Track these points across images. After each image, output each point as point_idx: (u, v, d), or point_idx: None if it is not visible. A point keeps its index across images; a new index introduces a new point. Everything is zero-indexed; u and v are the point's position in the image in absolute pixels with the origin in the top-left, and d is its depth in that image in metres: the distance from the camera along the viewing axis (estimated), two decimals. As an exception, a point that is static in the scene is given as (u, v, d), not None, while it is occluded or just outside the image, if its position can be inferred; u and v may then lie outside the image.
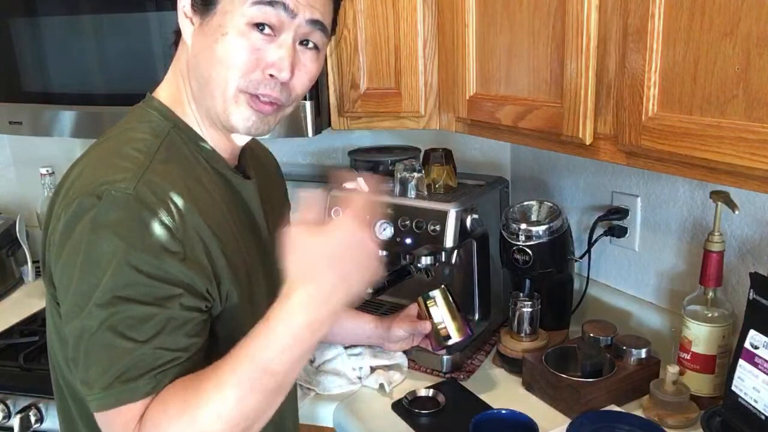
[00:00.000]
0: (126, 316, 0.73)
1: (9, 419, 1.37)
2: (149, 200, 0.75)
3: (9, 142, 2.10)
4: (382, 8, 1.28)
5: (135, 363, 0.73)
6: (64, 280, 0.76)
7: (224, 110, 0.82)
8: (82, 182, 0.77)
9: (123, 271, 0.73)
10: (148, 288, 0.74)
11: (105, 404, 0.74)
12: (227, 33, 0.79)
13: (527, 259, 1.30)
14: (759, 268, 1.14)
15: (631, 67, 0.88)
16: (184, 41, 0.85)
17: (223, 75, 0.80)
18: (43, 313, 1.67)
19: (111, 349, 0.73)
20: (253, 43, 0.79)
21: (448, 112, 1.30)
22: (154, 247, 0.74)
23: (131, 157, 0.79)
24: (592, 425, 1.06)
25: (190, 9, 0.83)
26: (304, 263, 0.74)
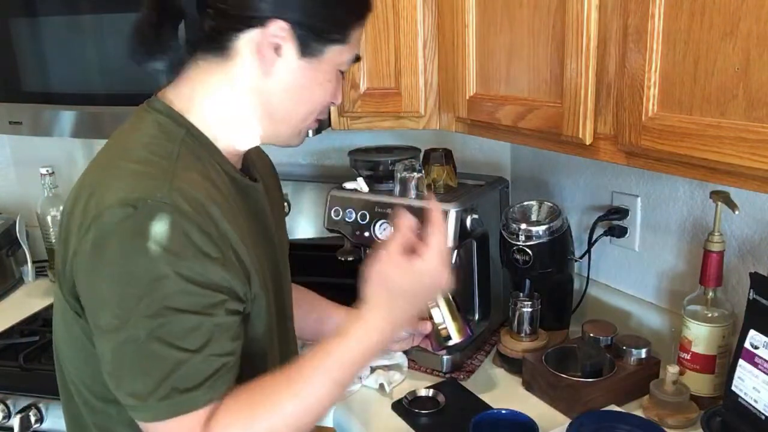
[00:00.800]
0: (175, 326, 0.74)
1: (9, 419, 1.37)
2: (185, 208, 0.75)
3: (9, 142, 2.09)
4: (382, 8, 1.28)
5: (190, 372, 0.75)
6: (101, 293, 0.75)
7: (289, 136, 0.91)
8: (108, 192, 0.75)
9: (168, 280, 0.73)
10: (194, 296, 0.75)
11: (162, 415, 0.75)
12: (330, 81, 0.87)
13: (527, 259, 1.30)
14: (759, 268, 1.14)
15: (631, 67, 0.88)
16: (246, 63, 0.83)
17: (309, 110, 0.89)
18: (43, 313, 1.68)
19: (162, 359, 0.74)
20: (338, 86, 0.91)
21: (448, 112, 1.30)
22: (197, 254, 0.75)
23: (155, 163, 0.79)
24: (592, 425, 1.06)
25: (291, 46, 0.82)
26: (387, 293, 0.84)
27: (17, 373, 1.40)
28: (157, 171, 0.78)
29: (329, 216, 1.40)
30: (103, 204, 0.74)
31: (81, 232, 0.76)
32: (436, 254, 0.85)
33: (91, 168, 0.84)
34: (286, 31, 0.81)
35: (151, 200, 0.74)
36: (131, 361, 0.75)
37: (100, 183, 0.78)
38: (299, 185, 1.75)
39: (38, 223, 1.87)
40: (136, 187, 0.75)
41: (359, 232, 1.36)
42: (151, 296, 0.73)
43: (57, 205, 1.86)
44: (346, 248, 1.50)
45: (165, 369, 0.74)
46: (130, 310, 0.73)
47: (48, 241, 1.87)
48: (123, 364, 0.75)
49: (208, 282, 0.76)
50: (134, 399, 0.75)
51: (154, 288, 0.73)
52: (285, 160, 1.86)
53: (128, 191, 0.74)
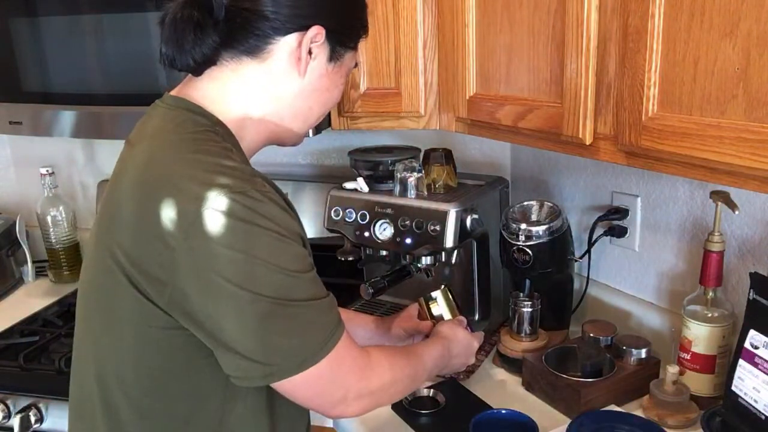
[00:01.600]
0: (306, 284, 0.82)
1: (9, 419, 1.37)
2: (269, 192, 0.81)
3: (9, 142, 2.09)
4: (382, 8, 1.28)
5: (325, 311, 0.84)
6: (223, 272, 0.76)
7: (301, 133, 0.98)
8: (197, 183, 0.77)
9: (281, 245, 0.79)
10: (303, 257, 0.83)
11: (330, 347, 0.82)
12: (342, 84, 0.96)
13: (527, 259, 1.30)
14: (759, 268, 1.14)
15: (631, 67, 0.88)
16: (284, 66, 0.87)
17: (323, 110, 0.96)
18: (43, 313, 1.68)
19: (307, 313, 0.81)
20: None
21: (448, 112, 1.30)
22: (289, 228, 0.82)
23: (223, 155, 0.81)
24: (592, 425, 1.06)
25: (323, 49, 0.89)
26: (455, 336, 1.16)
27: (17, 373, 1.40)
28: (230, 161, 0.81)
29: (329, 216, 1.40)
30: (207, 195, 0.76)
31: (184, 225, 0.76)
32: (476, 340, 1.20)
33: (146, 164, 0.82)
34: (322, 36, 0.87)
35: (252, 186, 0.79)
36: (279, 329, 0.79)
37: (176, 176, 0.79)
38: (299, 185, 1.75)
39: (38, 223, 1.87)
40: (223, 176, 0.78)
41: (359, 232, 1.36)
42: (276, 267, 0.78)
43: (57, 205, 1.86)
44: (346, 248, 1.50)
45: (313, 320, 0.82)
46: (267, 284, 0.77)
47: (48, 241, 1.88)
48: (266, 331, 0.79)
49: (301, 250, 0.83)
50: (295, 356, 0.80)
51: (272, 256, 0.78)
52: (285, 160, 1.86)
53: (220, 180, 0.77)
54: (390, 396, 0.97)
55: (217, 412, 0.87)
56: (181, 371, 0.85)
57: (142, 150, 0.85)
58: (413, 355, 1.03)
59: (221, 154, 0.81)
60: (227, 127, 0.87)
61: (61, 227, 1.86)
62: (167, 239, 0.76)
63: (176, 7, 0.84)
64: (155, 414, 0.87)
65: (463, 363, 1.18)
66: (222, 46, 0.85)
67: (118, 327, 0.85)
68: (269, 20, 0.84)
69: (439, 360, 1.09)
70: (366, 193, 1.38)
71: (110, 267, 0.82)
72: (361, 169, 1.43)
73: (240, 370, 0.80)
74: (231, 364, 0.80)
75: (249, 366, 0.79)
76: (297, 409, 0.95)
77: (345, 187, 1.41)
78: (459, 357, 1.16)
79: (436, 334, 1.16)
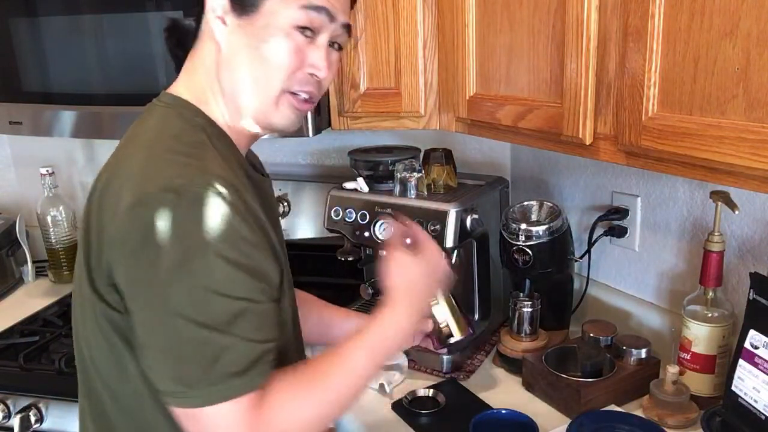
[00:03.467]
0: (220, 311, 0.74)
1: (9, 419, 1.37)
2: (223, 193, 0.75)
3: (9, 142, 2.10)
4: (382, 8, 1.28)
5: (237, 357, 0.75)
6: (145, 280, 0.75)
7: (264, 110, 0.85)
8: (146, 180, 0.75)
9: (214, 264, 0.73)
10: (240, 282, 0.75)
11: (213, 399, 0.75)
12: (274, 35, 0.82)
13: (527, 259, 1.30)
14: (759, 268, 1.14)
15: (631, 67, 0.88)
16: (210, 41, 0.84)
17: (268, 76, 0.83)
18: (43, 313, 1.68)
19: (208, 345, 0.74)
20: (298, 44, 0.83)
21: (448, 112, 1.30)
22: (241, 239, 0.76)
23: (188, 153, 0.79)
24: (592, 425, 1.06)
25: (228, 8, 0.82)
26: (409, 282, 0.93)
27: (17, 373, 1.40)
28: (192, 159, 0.78)
29: (329, 216, 1.40)
30: (144, 191, 0.74)
31: (119, 221, 0.75)
32: (435, 251, 0.97)
33: (117, 161, 0.84)
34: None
35: (194, 186, 0.74)
36: (178, 346, 0.74)
37: (134, 173, 0.78)
38: (299, 185, 1.75)
39: (38, 223, 1.87)
40: (176, 175, 0.75)
41: (359, 232, 1.36)
42: (198, 281, 0.73)
43: (57, 205, 1.86)
44: (346, 248, 1.50)
45: (212, 354, 0.74)
46: (176, 296, 0.73)
47: (48, 241, 1.87)
48: (169, 349, 0.75)
49: (252, 267, 0.77)
50: (182, 385, 0.75)
51: (201, 273, 0.73)
52: (285, 160, 1.86)
53: (169, 178, 0.74)
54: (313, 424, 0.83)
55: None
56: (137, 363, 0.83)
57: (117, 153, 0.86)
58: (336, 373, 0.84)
59: (182, 151, 0.79)
60: (211, 119, 0.86)
61: (61, 227, 1.86)
62: (106, 238, 0.78)
63: None
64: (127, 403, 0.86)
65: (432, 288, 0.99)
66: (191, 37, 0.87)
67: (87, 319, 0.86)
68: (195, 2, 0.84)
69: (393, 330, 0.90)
70: (366, 193, 1.38)
71: (80, 263, 0.84)
72: (361, 169, 1.43)
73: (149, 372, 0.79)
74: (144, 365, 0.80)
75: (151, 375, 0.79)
76: None
77: (345, 187, 1.41)
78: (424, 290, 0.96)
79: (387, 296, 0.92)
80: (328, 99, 1.36)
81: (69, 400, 1.33)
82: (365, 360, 0.86)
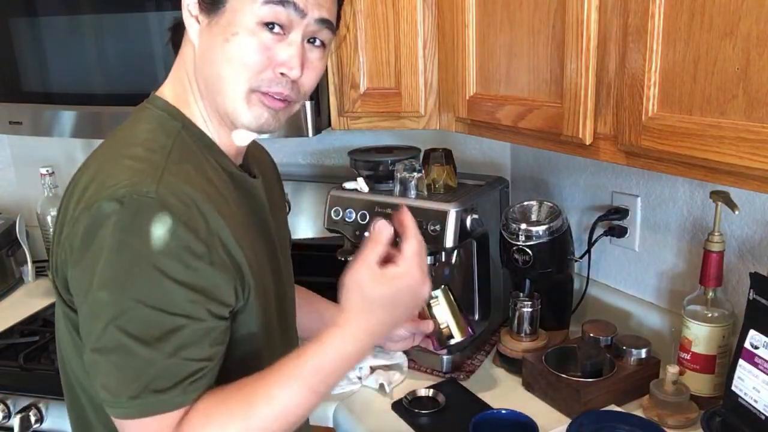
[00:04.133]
0: (152, 325, 0.73)
1: (9, 419, 1.37)
2: (172, 203, 0.73)
3: (9, 142, 2.10)
4: (382, 8, 1.28)
5: (163, 374, 0.73)
6: (84, 285, 0.75)
7: (234, 109, 0.82)
8: (99, 186, 0.75)
9: (150, 277, 0.72)
10: (175, 296, 0.73)
11: (132, 413, 0.74)
12: (237, 33, 0.78)
13: (527, 259, 1.30)
14: (759, 268, 1.14)
15: (631, 67, 0.88)
16: (189, 40, 0.84)
17: (234, 74, 0.80)
18: (43, 313, 1.68)
19: (136, 358, 0.73)
20: (264, 42, 0.79)
21: (448, 112, 1.30)
22: (182, 251, 0.73)
23: (146, 158, 0.78)
24: (592, 425, 1.06)
25: (196, 7, 0.81)
26: (365, 301, 0.80)
27: (17, 373, 1.40)
28: (147, 166, 0.76)
29: (329, 216, 1.40)
30: (93, 198, 0.74)
31: (69, 226, 0.77)
32: (413, 262, 0.81)
33: (87, 164, 0.84)
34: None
35: (138, 195, 0.72)
36: (106, 354, 0.74)
37: (93, 178, 0.78)
38: (299, 185, 1.75)
39: (38, 223, 1.87)
40: (124, 182, 0.74)
41: (359, 232, 1.36)
42: (131, 293, 0.72)
43: (57, 205, 1.85)
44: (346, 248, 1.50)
45: (138, 367, 0.73)
46: (108, 304, 0.72)
47: (48, 241, 1.87)
48: (98, 356, 0.74)
49: (191, 282, 0.74)
50: (107, 393, 0.75)
51: (134, 284, 0.72)
52: (285, 160, 1.86)
53: (115, 186, 0.73)
54: None
55: None
56: None
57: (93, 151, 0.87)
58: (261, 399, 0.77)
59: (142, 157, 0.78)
60: (192, 122, 0.85)
61: (61, 227, 1.87)
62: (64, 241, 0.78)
63: None
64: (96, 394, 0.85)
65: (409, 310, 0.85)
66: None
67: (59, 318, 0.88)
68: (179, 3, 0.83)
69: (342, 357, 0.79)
70: (366, 193, 1.38)
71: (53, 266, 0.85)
72: (361, 169, 1.43)
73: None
74: None
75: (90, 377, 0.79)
76: None
77: (345, 187, 1.41)
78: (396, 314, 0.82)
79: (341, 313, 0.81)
80: (328, 99, 1.36)
81: (69, 400, 1.33)
82: (297, 391, 0.77)
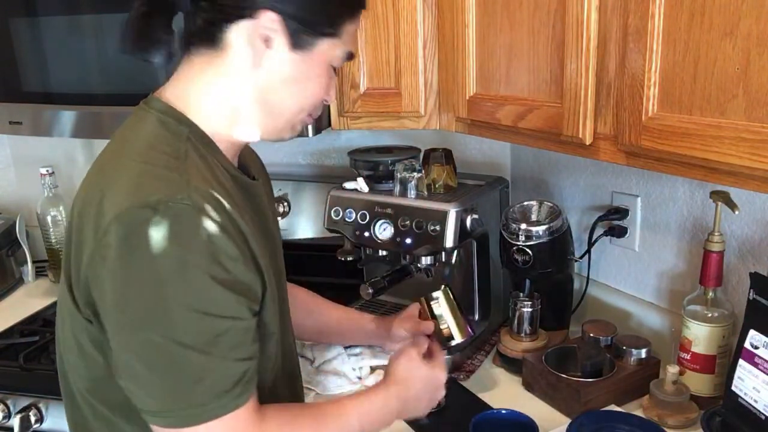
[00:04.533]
0: (204, 331, 0.74)
1: (9, 419, 1.37)
2: (204, 207, 0.74)
3: (9, 142, 2.09)
4: (382, 8, 1.28)
5: (219, 377, 0.75)
6: (123, 297, 0.73)
7: (282, 129, 0.90)
8: (122, 193, 0.74)
9: (198, 283, 0.73)
10: (220, 300, 0.74)
11: (195, 419, 0.74)
12: (319, 75, 0.87)
13: (527, 259, 1.30)
14: (759, 268, 1.14)
15: (631, 67, 0.88)
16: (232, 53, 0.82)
17: (301, 104, 0.88)
18: (43, 313, 1.68)
19: (191, 364, 0.74)
20: (330, 81, 0.90)
21: (448, 112, 1.30)
22: (220, 254, 0.74)
23: (167, 164, 0.77)
24: (592, 425, 1.06)
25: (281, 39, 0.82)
26: (408, 373, 1.00)
27: (17, 373, 1.40)
28: (170, 171, 0.76)
29: (329, 216, 1.40)
30: (121, 206, 0.73)
31: (98, 236, 0.74)
32: (442, 369, 1.04)
33: (97, 169, 0.83)
34: (276, 22, 0.80)
35: (172, 201, 0.72)
36: (160, 367, 0.74)
37: (110, 184, 0.76)
38: (299, 185, 1.75)
39: (38, 223, 1.87)
40: (152, 188, 0.73)
41: (359, 232, 1.36)
42: (178, 300, 0.72)
43: (57, 205, 1.86)
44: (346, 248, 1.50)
45: (195, 375, 0.74)
46: (157, 314, 0.72)
47: (48, 241, 1.87)
48: (149, 371, 0.74)
49: (234, 283, 0.76)
50: (164, 406, 0.75)
51: (182, 292, 0.72)
52: (285, 160, 1.86)
53: (145, 193, 0.73)
54: None
55: None
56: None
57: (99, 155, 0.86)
58: (330, 418, 0.90)
59: (160, 161, 0.78)
60: (197, 126, 0.84)
61: (61, 227, 1.86)
62: (86, 251, 0.76)
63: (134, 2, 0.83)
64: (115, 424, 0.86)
65: (428, 404, 1.03)
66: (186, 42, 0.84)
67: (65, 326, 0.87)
68: (219, 9, 0.81)
69: (384, 410, 0.96)
70: (366, 193, 1.38)
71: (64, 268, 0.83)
72: (361, 169, 1.43)
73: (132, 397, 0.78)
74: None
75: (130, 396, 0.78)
76: None
77: (345, 187, 1.41)
78: (421, 399, 1.01)
79: (386, 376, 1.00)
80: (328, 99, 1.36)
81: (69, 400, 1.33)
82: (357, 422, 0.91)
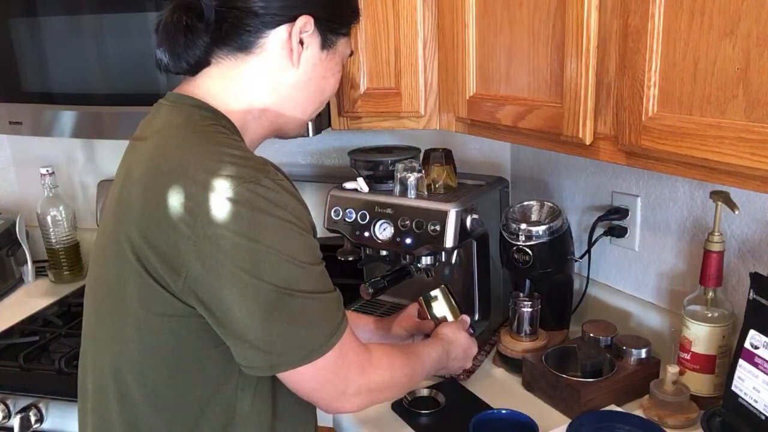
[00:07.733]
0: (316, 276, 0.84)
1: (9, 419, 1.37)
2: (279, 177, 0.83)
3: (9, 142, 2.09)
4: (382, 8, 1.28)
5: (333, 306, 0.86)
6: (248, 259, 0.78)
7: (302, 123, 1.00)
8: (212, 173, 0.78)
9: (299, 239, 0.82)
10: (314, 248, 0.85)
11: (333, 344, 0.84)
12: (338, 71, 0.99)
13: (527, 259, 1.30)
14: (759, 268, 1.14)
15: (631, 67, 0.88)
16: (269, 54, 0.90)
17: (322, 98, 0.99)
18: (43, 313, 1.68)
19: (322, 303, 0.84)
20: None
21: (448, 112, 1.30)
22: (306, 214, 0.85)
23: (234, 144, 0.84)
24: (592, 425, 1.06)
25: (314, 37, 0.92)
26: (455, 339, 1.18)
27: (17, 373, 1.40)
28: (241, 151, 0.82)
29: (329, 216, 1.40)
30: (221, 184, 0.77)
31: (196, 213, 0.77)
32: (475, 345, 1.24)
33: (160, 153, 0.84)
34: (311, 25, 0.90)
35: (265, 175, 0.80)
36: (295, 316, 0.80)
37: (188, 165, 0.80)
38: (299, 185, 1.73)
39: (38, 223, 1.87)
40: (242, 166, 0.80)
41: (359, 232, 1.36)
42: (294, 257, 0.80)
43: (57, 205, 1.86)
44: (346, 248, 1.50)
45: (325, 310, 0.84)
46: (275, 272, 0.79)
47: (48, 241, 1.88)
48: (284, 321, 0.80)
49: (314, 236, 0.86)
50: (309, 347, 0.82)
51: (297, 250, 0.81)
52: (285, 160, 1.86)
53: (238, 170, 0.79)
54: (387, 395, 0.98)
55: (231, 399, 0.88)
56: (195, 359, 0.86)
57: (152, 144, 0.86)
58: (412, 356, 1.04)
59: (231, 145, 0.83)
60: (231, 121, 0.90)
61: (61, 227, 1.87)
62: (180, 227, 0.78)
63: (167, 12, 0.88)
64: (170, 403, 0.87)
65: (460, 366, 1.21)
66: (215, 46, 0.89)
67: (133, 317, 0.86)
68: (259, 16, 0.87)
69: (436, 362, 1.11)
70: (366, 193, 1.38)
71: (125, 259, 0.83)
72: (361, 169, 1.43)
73: (248, 359, 0.82)
74: (240, 352, 0.82)
75: (256, 355, 0.81)
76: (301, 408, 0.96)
77: (345, 187, 1.41)
78: (457, 360, 1.18)
79: (437, 335, 1.18)
80: (328, 99, 1.36)
81: (69, 400, 1.33)
82: (428, 364, 1.08)
